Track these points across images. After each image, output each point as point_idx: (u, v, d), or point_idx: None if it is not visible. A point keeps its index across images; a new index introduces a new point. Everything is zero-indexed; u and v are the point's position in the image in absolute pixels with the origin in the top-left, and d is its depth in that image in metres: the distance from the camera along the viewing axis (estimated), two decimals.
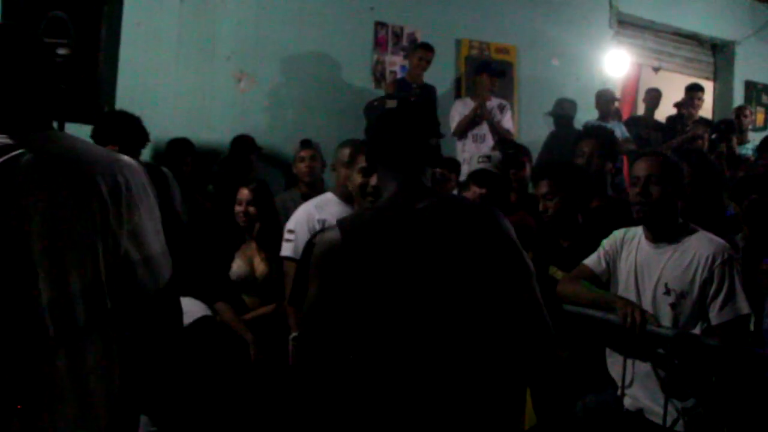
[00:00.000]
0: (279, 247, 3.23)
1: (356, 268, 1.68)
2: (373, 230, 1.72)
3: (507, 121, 5.68)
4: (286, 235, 3.18)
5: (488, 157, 4.35)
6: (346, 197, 3.09)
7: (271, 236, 3.39)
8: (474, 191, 3.57)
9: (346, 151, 3.03)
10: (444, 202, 1.78)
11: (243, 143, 4.77)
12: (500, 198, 3.52)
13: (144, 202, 1.40)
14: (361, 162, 2.56)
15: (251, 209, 3.42)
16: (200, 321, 3.05)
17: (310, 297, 1.74)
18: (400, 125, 1.78)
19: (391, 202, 1.76)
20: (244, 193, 3.46)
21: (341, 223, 1.76)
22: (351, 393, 1.68)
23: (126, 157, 1.43)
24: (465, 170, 4.63)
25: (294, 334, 2.84)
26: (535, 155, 5.53)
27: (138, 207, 1.38)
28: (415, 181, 1.76)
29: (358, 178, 2.60)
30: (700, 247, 2.47)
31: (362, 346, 1.69)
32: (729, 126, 5.66)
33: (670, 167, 2.56)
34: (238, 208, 3.44)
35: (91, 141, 3.15)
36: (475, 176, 3.70)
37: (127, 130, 3.25)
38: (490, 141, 5.42)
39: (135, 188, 1.38)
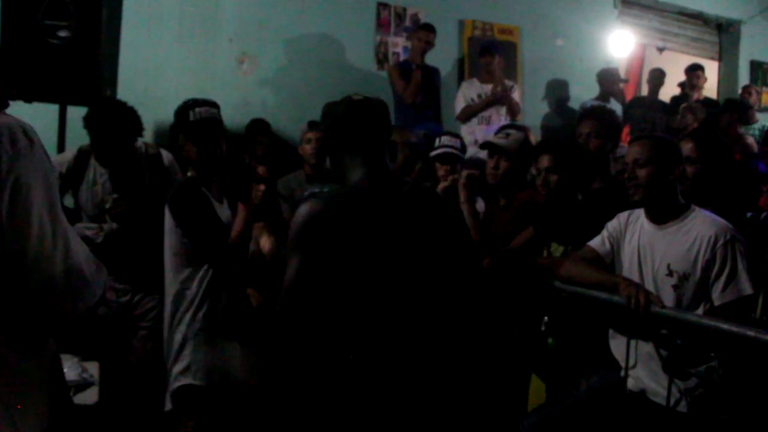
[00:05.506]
0: (284, 228, 3.21)
1: (344, 241, 1.73)
2: (359, 206, 1.81)
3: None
4: None
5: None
6: None
7: (276, 217, 3.39)
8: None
9: None
10: (422, 190, 2.03)
11: (257, 127, 4.72)
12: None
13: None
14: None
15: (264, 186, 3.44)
16: None
17: (290, 272, 1.72)
18: (373, 115, 1.96)
19: (368, 183, 1.88)
20: (261, 170, 3.47)
21: (320, 195, 1.79)
22: (333, 373, 1.72)
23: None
24: (472, 152, 4.59)
25: None
26: (538, 136, 5.50)
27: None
28: (385, 167, 1.94)
29: None
30: (703, 227, 2.46)
31: (344, 323, 1.73)
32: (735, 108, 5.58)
33: (659, 149, 2.55)
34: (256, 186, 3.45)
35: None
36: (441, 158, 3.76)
37: (122, 120, 3.22)
38: (496, 122, 5.37)
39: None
